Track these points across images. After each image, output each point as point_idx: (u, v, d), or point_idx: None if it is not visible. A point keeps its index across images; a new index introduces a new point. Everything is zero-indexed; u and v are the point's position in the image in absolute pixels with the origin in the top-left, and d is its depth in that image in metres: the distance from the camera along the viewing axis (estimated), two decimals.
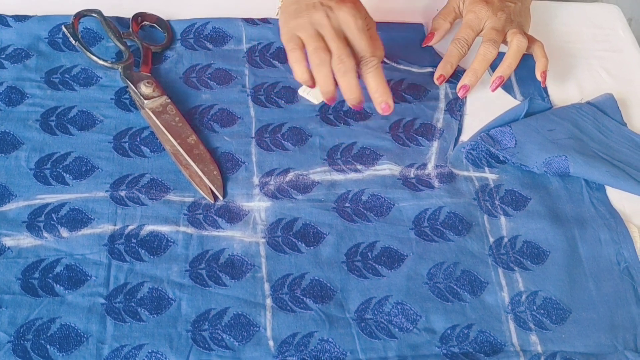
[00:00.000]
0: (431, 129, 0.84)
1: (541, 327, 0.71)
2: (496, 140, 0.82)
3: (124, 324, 0.67)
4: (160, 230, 0.73)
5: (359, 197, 0.78)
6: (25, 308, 0.67)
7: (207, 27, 0.91)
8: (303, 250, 0.74)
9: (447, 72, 0.88)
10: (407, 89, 0.88)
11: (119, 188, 0.76)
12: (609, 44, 0.99)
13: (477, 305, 0.72)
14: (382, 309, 0.70)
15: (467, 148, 0.82)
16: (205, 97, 0.85)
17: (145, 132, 0.81)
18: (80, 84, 0.84)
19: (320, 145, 0.82)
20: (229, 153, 0.80)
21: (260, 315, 0.69)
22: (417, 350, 0.68)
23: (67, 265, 0.70)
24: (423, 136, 0.84)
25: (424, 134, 0.84)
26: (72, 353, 0.65)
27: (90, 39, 0.88)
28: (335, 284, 0.72)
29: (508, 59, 0.86)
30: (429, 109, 0.87)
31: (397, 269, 0.73)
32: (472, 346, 0.69)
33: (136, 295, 0.69)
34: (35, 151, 0.78)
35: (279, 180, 0.79)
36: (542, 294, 0.73)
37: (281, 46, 0.90)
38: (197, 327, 0.68)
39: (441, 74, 0.88)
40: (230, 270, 0.71)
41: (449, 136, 0.84)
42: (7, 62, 0.85)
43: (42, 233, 0.72)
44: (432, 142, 0.83)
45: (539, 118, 0.85)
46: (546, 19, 1.01)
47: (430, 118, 0.85)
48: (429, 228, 0.76)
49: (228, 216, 0.75)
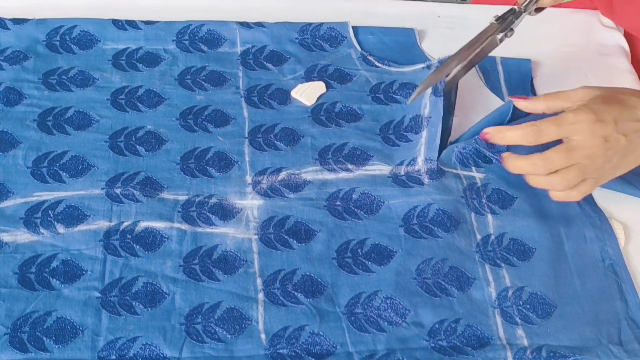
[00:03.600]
0: (419, 120, 0.85)
1: (527, 322, 0.72)
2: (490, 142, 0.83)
3: (119, 317, 0.69)
4: (155, 226, 0.75)
5: (350, 195, 0.80)
6: (22, 301, 0.69)
7: (202, 29, 0.93)
8: (295, 247, 0.75)
9: (493, 139, 0.78)
10: (398, 89, 0.90)
11: (114, 185, 0.77)
12: (597, 48, 1.01)
13: (464, 300, 0.73)
14: (371, 304, 0.72)
15: (458, 148, 0.84)
16: (200, 99, 0.87)
17: (140, 131, 0.82)
18: (77, 85, 0.86)
19: (312, 145, 0.84)
20: (222, 152, 0.82)
21: (252, 309, 0.70)
22: (406, 343, 0.70)
23: (64, 260, 0.72)
24: (411, 131, 0.85)
25: (413, 128, 0.86)
26: (68, 345, 0.66)
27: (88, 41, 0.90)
28: (326, 279, 0.73)
29: (512, 134, 0.76)
30: (417, 101, 0.87)
31: (387, 265, 0.75)
32: (460, 340, 0.71)
33: (131, 289, 0.70)
34: (33, 150, 0.80)
35: (271, 179, 0.80)
36: (528, 290, 0.74)
37: (274, 49, 0.93)
38: (191, 321, 0.69)
39: (488, 136, 0.78)
40: (223, 266, 0.73)
41: (435, 118, 0.83)
42: (5, 63, 0.87)
43: (39, 229, 0.73)
44: (420, 133, 0.85)
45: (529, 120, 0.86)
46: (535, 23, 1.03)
47: (418, 109, 0.87)
48: (417, 225, 0.78)
49: (221, 213, 0.77)
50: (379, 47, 0.96)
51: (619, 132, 0.74)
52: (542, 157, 0.73)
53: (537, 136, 0.74)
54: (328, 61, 0.93)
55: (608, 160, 0.74)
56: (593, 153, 0.73)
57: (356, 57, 0.93)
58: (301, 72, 0.91)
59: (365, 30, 0.97)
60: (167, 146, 0.82)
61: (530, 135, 0.74)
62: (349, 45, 0.94)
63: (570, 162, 0.73)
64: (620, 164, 0.76)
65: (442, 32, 1.01)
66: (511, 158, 0.76)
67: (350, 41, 0.95)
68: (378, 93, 0.90)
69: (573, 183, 0.74)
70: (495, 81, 0.95)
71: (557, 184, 0.74)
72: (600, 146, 0.73)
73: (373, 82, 0.91)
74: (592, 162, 0.74)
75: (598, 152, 0.73)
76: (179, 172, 0.80)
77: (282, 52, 0.93)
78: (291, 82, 0.90)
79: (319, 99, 0.89)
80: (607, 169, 0.75)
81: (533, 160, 0.74)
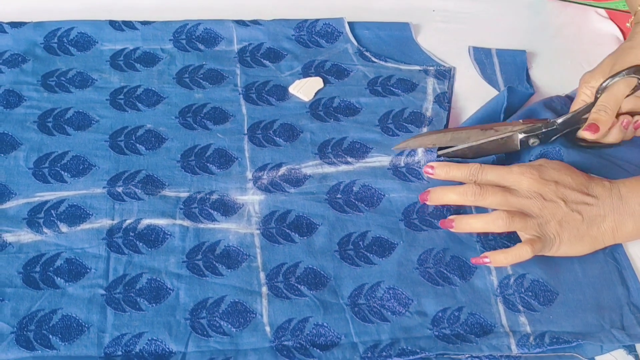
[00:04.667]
0: (420, 117, 0.87)
1: (529, 309, 0.73)
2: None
3: (124, 314, 0.69)
4: (157, 223, 0.75)
5: (350, 188, 0.80)
6: (27, 300, 0.69)
7: (198, 28, 0.93)
8: (297, 241, 0.76)
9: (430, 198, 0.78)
10: (395, 83, 0.91)
11: (115, 184, 0.78)
12: (591, 38, 1.02)
13: (467, 288, 0.74)
14: (374, 294, 0.72)
15: None
16: (198, 97, 0.87)
17: (140, 130, 0.83)
18: (76, 86, 0.87)
19: (312, 140, 0.84)
20: (222, 149, 0.82)
21: (256, 302, 0.71)
22: (410, 332, 0.70)
23: (67, 259, 0.72)
24: (412, 123, 0.86)
25: (414, 121, 0.86)
26: (74, 342, 0.67)
27: (85, 42, 0.90)
28: (329, 271, 0.74)
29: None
30: (418, 100, 0.89)
31: (388, 256, 0.75)
32: (463, 328, 0.71)
33: (135, 286, 0.71)
34: (34, 151, 0.80)
35: (271, 175, 0.81)
36: (529, 277, 0.75)
37: (271, 46, 0.93)
38: (195, 315, 0.69)
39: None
40: (226, 261, 0.73)
41: (438, 125, 0.86)
42: (4, 66, 0.87)
43: (42, 229, 0.74)
44: (421, 128, 0.85)
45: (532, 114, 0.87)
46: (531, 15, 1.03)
47: (419, 107, 0.88)
48: (418, 220, 0.78)
49: (223, 209, 0.77)
50: (375, 41, 0.97)
51: (558, 196, 0.74)
52: (475, 186, 0.75)
53: (478, 177, 0.76)
54: (325, 57, 0.93)
55: (545, 222, 0.73)
56: (530, 204, 0.74)
57: (353, 53, 0.94)
58: (298, 68, 0.92)
59: (361, 26, 0.97)
60: (167, 144, 0.82)
61: (471, 176, 0.76)
62: (345, 40, 0.95)
63: (504, 203, 0.74)
64: (563, 236, 0.74)
65: (437, 26, 1.01)
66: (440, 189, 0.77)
67: (347, 36, 0.95)
68: (376, 86, 0.90)
69: (502, 225, 0.73)
70: (491, 72, 0.95)
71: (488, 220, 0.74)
72: (536, 200, 0.74)
73: (370, 76, 0.91)
74: (528, 211, 0.74)
75: (534, 206, 0.74)
76: (180, 170, 0.80)
77: (279, 49, 0.94)
78: (289, 78, 0.91)
79: (317, 95, 0.89)
80: (549, 231, 0.73)
81: (465, 189, 0.75)
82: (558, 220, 0.74)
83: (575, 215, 0.74)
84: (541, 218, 0.73)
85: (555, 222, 0.74)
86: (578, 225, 0.74)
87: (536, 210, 0.74)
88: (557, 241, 0.74)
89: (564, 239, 0.74)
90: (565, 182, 0.75)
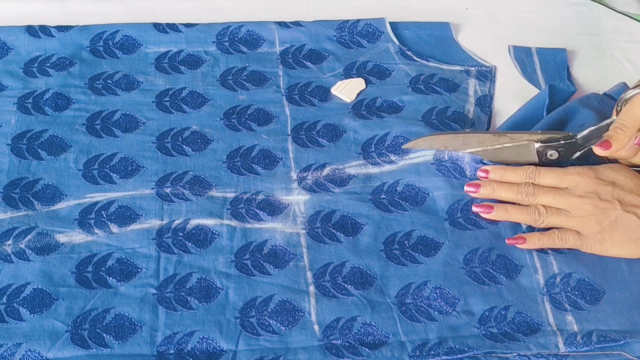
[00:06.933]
0: (463, 117, 0.87)
1: (576, 308, 0.73)
2: None
3: (175, 312, 0.70)
4: (205, 223, 0.76)
5: (394, 188, 0.81)
6: (80, 300, 0.70)
7: (241, 30, 0.94)
8: (342, 240, 0.77)
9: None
10: (438, 82, 0.91)
11: (164, 185, 0.79)
12: (630, 35, 1.01)
13: (513, 287, 0.74)
14: (421, 294, 0.73)
15: None
16: (242, 98, 0.88)
17: (186, 132, 0.84)
18: (122, 89, 0.88)
19: (355, 139, 0.85)
20: (266, 150, 0.83)
21: (304, 301, 0.72)
22: (457, 331, 0.71)
23: (119, 259, 0.73)
24: (456, 122, 0.86)
25: (457, 120, 0.87)
26: (128, 340, 0.68)
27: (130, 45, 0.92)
28: (375, 271, 0.74)
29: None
30: (460, 100, 0.89)
31: (434, 256, 0.76)
32: (510, 327, 0.71)
33: (185, 285, 0.72)
34: (83, 153, 0.82)
35: (316, 175, 0.82)
36: (575, 276, 0.75)
37: (313, 47, 0.94)
38: (245, 314, 0.71)
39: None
40: (273, 260, 0.74)
41: (480, 128, 0.87)
42: (52, 70, 0.89)
43: (93, 229, 0.75)
44: (464, 129, 0.86)
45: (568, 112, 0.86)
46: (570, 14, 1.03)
47: (462, 108, 0.88)
48: (462, 218, 0.79)
49: (269, 209, 0.78)
50: (416, 41, 0.97)
51: (615, 197, 0.75)
52: (529, 186, 0.77)
53: (535, 179, 0.77)
54: (366, 57, 0.94)
55: (597, 222, 0.74)
56: (581, 203, 0.75)
57: (394, 52, 0.94)
58: (340, 69, 0.93)
59: (401, 26, 0.98)
60: (213, 145, 0.83)
61: (527, 178, 0.78)
62: (386, 40, 0.95)
63: (554, 202, 0.76)
64: (615, 237, 0.74)
65: (474, 25, 1.01)
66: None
67: (388, 36, 0.96)
68: (418, 84, 0.91)
69: (545, 220, 0.76)
70: (532, 71, 0.95)
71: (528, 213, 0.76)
72: (591, 199, 0.75)
73: (412, 75, 0.92)
74: (579, 211, 0.75)
75: (587, 204, 0.75)
76: (226, 171, 0.81)
77: (320, 50, 0.94)
78: (331, 79, 0.91)
79: (359, 96, 0.90)
80: (595, 230, 0.75)
81: (520, 187, 0.77)
82: (611, 221, 0.74)
83: (630, 217, 0.74)
84: (590, 216, 0.74)
85: (608, 222, 0.74)
86: (633, 227, 0.74)
87: (589, 209, 0.74)
88: (605, 241, 0.74)
89: (616, 240, 0.74)
90: (622, 184, 0.76)
